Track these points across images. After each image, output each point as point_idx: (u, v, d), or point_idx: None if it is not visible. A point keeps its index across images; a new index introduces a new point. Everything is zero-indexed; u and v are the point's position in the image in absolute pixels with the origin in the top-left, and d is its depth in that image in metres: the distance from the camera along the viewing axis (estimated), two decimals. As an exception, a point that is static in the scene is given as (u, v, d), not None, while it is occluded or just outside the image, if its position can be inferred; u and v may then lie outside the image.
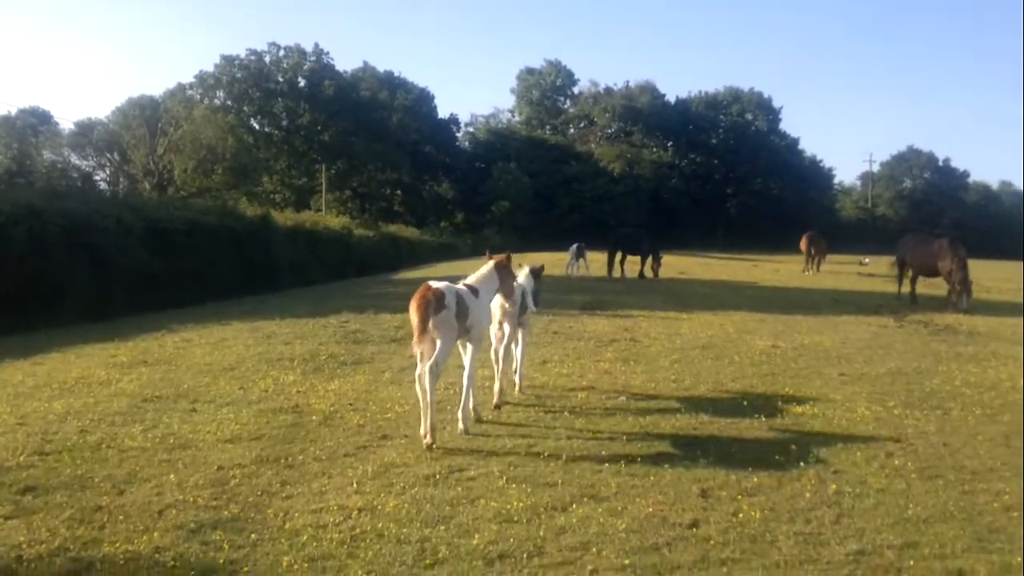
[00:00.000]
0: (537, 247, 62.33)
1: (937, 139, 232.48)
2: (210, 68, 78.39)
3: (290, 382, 10.53)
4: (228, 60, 78.71)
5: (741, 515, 5.80)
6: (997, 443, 7.86)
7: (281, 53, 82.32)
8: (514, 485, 6.41)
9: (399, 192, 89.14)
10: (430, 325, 7.55)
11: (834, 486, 6.46)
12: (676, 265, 37.01)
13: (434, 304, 7.59)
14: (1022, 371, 11.71)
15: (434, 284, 7.85)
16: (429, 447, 7.45)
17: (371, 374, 11.15)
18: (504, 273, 8.96)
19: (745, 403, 9.45)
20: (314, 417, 8.61)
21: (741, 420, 8.66)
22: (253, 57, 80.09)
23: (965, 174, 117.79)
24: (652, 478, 6.65)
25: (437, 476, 6.64)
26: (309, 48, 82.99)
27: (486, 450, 7.46)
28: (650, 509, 5.90)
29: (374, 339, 14.24)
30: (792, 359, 12.79)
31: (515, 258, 10.19)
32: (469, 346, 8.51)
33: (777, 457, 7.24)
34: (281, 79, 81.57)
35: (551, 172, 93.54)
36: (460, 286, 8.31)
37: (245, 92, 78.63)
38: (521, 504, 5.96)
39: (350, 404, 9.26)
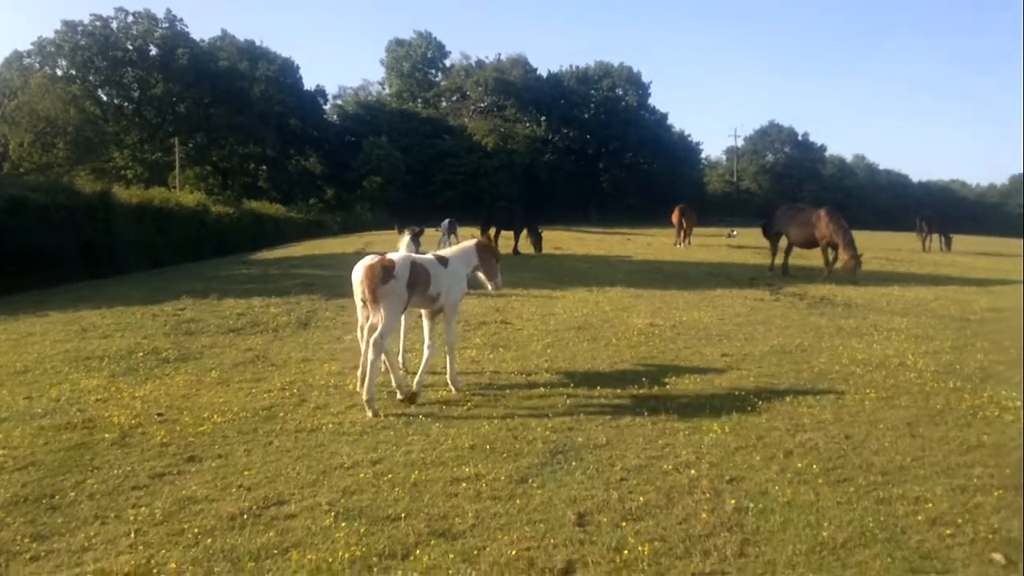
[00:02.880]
0: (410, 223, 60.34)
1: (796, 114, 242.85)
2: (50, 35, 72.09)
3: (92, 387, 8.75)
4: (70, 26, 71.94)
5: (626, 551, 4.65)
6: (901, 432, 7.06)
7: (130, 19, 75.97)
8: (344, 523, 5.05)
9: (264, 167, 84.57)
10: (379, 294, 7.65)
11: (732, 501, 5.42)
12: (551, 240, 36.04)
13: (381, 274, 7.63)
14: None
15: (390, 255, 7.96)
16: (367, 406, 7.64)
17: (196, 373, 9.48)
18: (486, 254, 9.06)
19: (624, 393, 8.39)
20: (107, 435, 6.95)
21: (620, 415, 7.56)
22: (98, 23, 73.45)
23: (822, 148, 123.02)
24: (519, 501, 5.44)
25: (246, 515, 5.19)
26: (161, 14, 77.57)
27: (317, 471, 6.06)
28: (514, 550, 4.66)
29: (210, 329, 12.47)
30: (671, 339, 11.91)
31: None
32: (445, 315, 8.62)
33: (664, 465, 6.16)
34: (130, 47, 75.25)
35: (424, 147, 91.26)
36: (428, 256, 8.56)
37: (90, 60, 72.15)
38: (348, 553, 4.61)
39: (159, 415, 7.62)
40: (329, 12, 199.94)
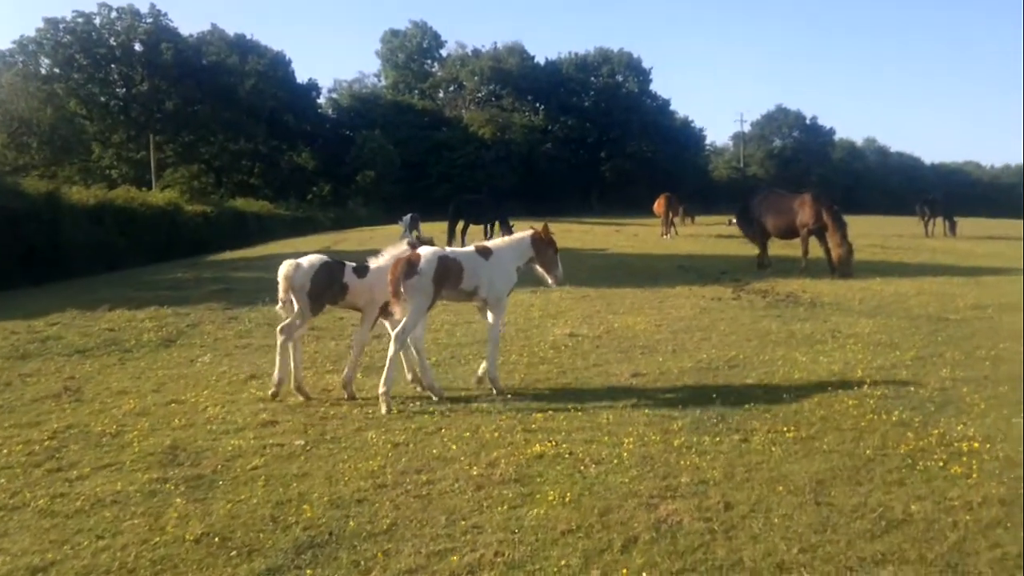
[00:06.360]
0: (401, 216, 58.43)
1: (804, 98, 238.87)
2: (32, 33, 70.63)
3: None
4: (52, 23, 70.33)
5: None
6: (803, 498, 5.17)
7: (113, 15, 74.51)
8: None
9: (257, 164, 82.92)
10: (401, 290, 7.59)
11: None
12: (530, 233, 34.30)
13: (404, 269, 7.60)
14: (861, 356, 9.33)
15: (421, 249, 7.93)
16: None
17: (-33, 415, 7.72)
18: (542, 245, 8.52)
19: (469, 439, 6.53)
20: None
21: (441, 476, 5.71)
22: (80, 19, 72.00)
23: (831, 131, 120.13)
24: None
25: None
26: (145, 9, 75.91)
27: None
28: None
29: (52, 351, 10.70)
30: (585, 353, 10.09)
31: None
32: (490, 310, 8.30)
33: (441, 572, 4.31)
34: (114, 43, 73.77)
35: (420, 139, 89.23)
36: (467, 248, 8.44)
37: (72, 58, 70.63)
38: None
39: None
40: (324, 3, 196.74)
